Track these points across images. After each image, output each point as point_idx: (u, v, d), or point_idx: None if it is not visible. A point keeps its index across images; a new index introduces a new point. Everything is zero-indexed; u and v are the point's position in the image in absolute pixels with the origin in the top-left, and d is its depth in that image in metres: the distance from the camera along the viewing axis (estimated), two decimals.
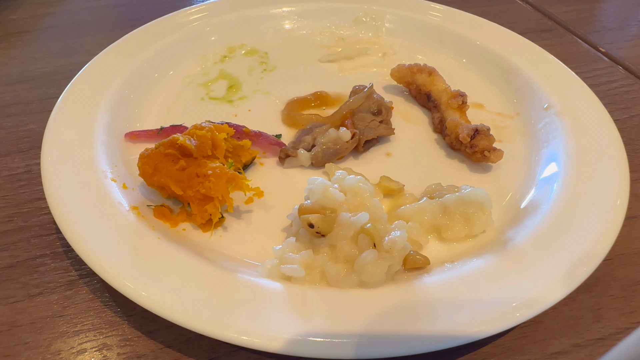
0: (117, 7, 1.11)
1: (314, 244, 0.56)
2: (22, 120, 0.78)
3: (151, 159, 0.60)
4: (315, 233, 0.54)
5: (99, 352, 0.51)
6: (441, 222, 0.60)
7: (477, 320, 0.48)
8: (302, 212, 0.55)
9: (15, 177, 0.69)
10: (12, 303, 0.55)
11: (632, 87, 0.90)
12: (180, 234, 0.59)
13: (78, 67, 0.77)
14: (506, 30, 0.91)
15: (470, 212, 0.59)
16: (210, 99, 0.82)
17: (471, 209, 0.59)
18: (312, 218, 0.54)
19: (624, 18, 1.14)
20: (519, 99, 0.81)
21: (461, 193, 0.60)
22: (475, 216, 0.59)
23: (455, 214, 0.60)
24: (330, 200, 0.55)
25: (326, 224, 0.54)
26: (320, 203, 0.56)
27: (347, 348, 0.46)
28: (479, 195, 0.59)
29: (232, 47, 0.92)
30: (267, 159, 0.71)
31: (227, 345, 0.51)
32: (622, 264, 0.60)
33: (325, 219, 0.54)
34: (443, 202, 0.60)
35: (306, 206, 0.56)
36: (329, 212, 0.55)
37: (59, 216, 0.55)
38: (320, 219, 0.54)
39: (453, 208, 0.59)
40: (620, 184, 0.61)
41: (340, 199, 0.55)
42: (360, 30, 0.98)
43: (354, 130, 0.71)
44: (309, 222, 0.54)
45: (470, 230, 0.59)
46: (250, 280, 0.52)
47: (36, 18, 1.05)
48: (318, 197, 0.56)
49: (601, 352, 0.52)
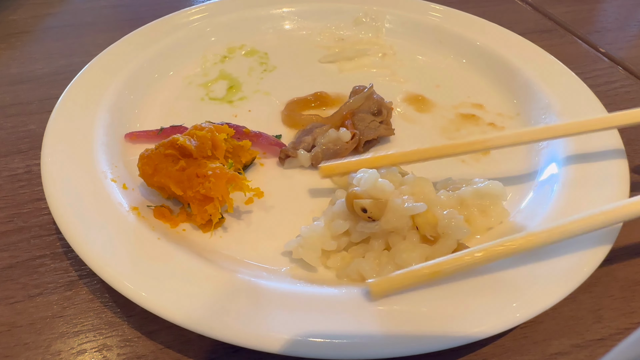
0: (117, 7, 1.12)
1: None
2: (22, 120, 0.78)
3: (151, 160, 0.60)
4: (367, 218, 0.55)
5: (98, 352, 0.51)
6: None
7: (477, 320, 0.48)
8: (351, 197, 0.56)
9: (15, 178, 0.69)
10: (11, 303, 0.54)
11: (632, 87, 0.90)
12: (180, 235, 0.59)
13: (78, 68, 0.77)
14: (506, 30, 0.91)
15: (486, 204, 0.60)
16: (210, 99, 0.82)
17: (487, 202, 0.60)
18: (364, 203, 0.55)
19: (624, 18, 1.14)
20: (519, 99, 0.81)
21: (478, 186, 0.61)
22: (491, 208, 0.60)
23: (472, 207, 0.60)
24: (380, 190, 0.56)
25: (378, 209, 0.55)
26: (369, 192, 0.56)
27: (347, 348, 0.46)
28: (495, 188, 0.60)
29: (232, 48, 0.92)
30: (267, 160, 0.71)
31: (227, 345, 0.51)
32: (622, 264, 0.60)
33: (378, 204, 0.55)
34: (460, 195, 0.60)
35: (356, 192, 0.57)
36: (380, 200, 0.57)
37: (59, 217, 0.55)
38: (373, 204, 0.55)
39: (469, 201, 0.60)
40: (620, 184, 0.61)
41: (390, 190, 0.56)
42: (360, 31, 0.98)
43: (354, 130, 0.71)
44: (362, 206, 0.55)
45: (488, 222, 0.60)
46: (250, 280, 0.52)
47: (36, 18, 1.05)
48: (368, 186, 0.57)
49: (601, 352, 0.52)
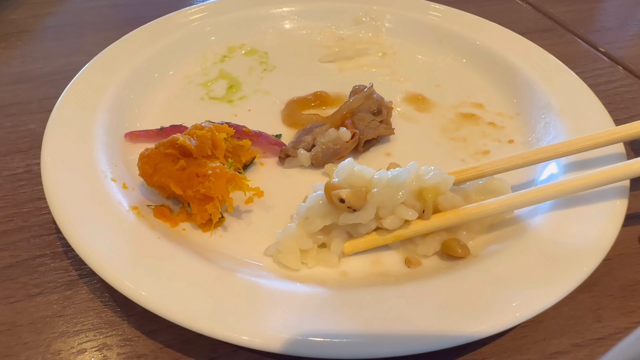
0: (117, 7, 1.11)
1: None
2: (22, 120, 0.78)
3: (151, 159, 0.60)
4: (346, 208, 0.54)
5: (99, 352, 0.51)
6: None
7: (477, 320, 0.48)
8: (329, 189, 0.55)
9: (15, 177, 0.69)
10: (11, 303, 0.55)
11: (632, 87, 0.90)
12: (180, 234, 0.59)
13: (78, 67, 0.77)
14: (506, 30, 0.91)
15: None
16: (210, 99, 0.82)
17: (490, 198, 0.60)
18: (342, 193, 0.54)
19: (623, 18, 1.14)
20: (519, 99, 0.81)
21: (482, 181, 0.61)
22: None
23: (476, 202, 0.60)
24: (358, 178, 0.55)
25: (357, 198, 0.54)
26: (348, 181, 0.55)
27: (347, 348, 0.46)
28: (499, 184, 0.60)
29: (232, 47, 0.92)
30: (267, 159, 0.71)
31: (227, 345, 0.51)
32: (622, 264, 0.60)
33: (357, 193, 0.54)
34: (464, 190, 0.60)
35: (334, 183, 0.56)
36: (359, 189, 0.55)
37: (59, 216, 0.55)
38: (352, 193, 0.54)
39: (473, 196, 0.60)
40: (620, 184, 0.61)
41: (369, 176, 0.55)
42: (360, 30, 0.98)
43: (354, 130, 0.71)
44: (339, 197, 0.53)
45: (491, 218, 0.60)
46: (250, 280, 0.52)
47: (36, 18, 1.05)
48: (345, 175, 0.55)
49: (601, 352, 0.52)
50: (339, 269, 0.57)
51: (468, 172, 0.61)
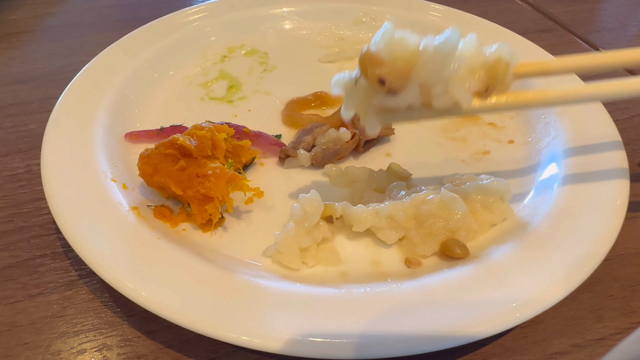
0: (117, 7, 1.11)
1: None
2: (22, 120, 0.78)
3: (151, 159, 0.60)
4: (385, 91, 0.43)
5: (99, 352, 0.51)
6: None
7: (477, 320, 0.48)
8: (366, 62, 0.42)
9: (15, 177, 0.69)
10: (11, 303, 0.55)
11: None
12: (180, 234, 0.59)
13: (78, 67, 0.77)
14: (506, 30, 0.91)
15: (490, 201, 0.60)
16: (210, 99, 0.82)
17: (491, 198, 0.60)
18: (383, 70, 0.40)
19: (623, 18, 1.14)
20: None
21: (483, 182, 0.61)
22: (495, 205, 0.60)
23: (476, 202, 0.60)
24: (401, 46, 0.41)
25: (401, 75, 0.41)
26: (389, 50, 0.42)
27: (347, 348, 0.46)
28: (500, 185, 0.60)
29: (232, 47, 0.92)
30: (267, 159, 0.71)
31: (227, 345, 0.51)
32: (622, 264, 0.60)
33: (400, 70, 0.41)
34: (464, 190, 0.61)
35: (371, 54, 0.41)
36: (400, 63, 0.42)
37: (59, 216, 0.55)
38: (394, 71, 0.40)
39: (473, 196, 0.60)
40: (620, 185, 0.61)
41: (414, 45, 0.42)
42: (360, 31, 0.98)
43: (354, 130, 0.71)
44: (379, 77, 0.41)
45: (491, 218, 0.60)
46: (250, 280, 0.52)
47: (36, 18, 1.05)
48: (385, 41, 0.42)
49: (601, 352, 0.52)
50: (339, 269, 0.57)
51: (532, 65, 0.55)
